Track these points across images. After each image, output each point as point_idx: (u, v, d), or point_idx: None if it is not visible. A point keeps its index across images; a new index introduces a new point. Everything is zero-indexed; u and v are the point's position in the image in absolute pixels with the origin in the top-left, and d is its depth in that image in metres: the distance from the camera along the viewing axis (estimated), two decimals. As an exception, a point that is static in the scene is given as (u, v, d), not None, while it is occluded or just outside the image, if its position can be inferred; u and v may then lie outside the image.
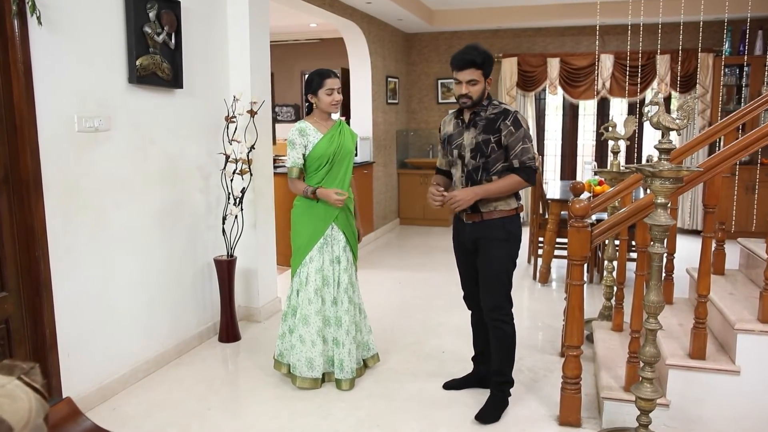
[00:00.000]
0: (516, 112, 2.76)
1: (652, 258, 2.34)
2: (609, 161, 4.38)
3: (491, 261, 2.85)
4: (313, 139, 3.19)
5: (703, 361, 2.65)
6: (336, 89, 3.21)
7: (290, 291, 3.32)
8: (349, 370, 3.25)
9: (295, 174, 3.21)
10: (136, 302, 3.37)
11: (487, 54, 2.76)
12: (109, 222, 3.14)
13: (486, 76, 2.77)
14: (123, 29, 3.16)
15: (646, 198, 2.65)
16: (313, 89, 3.21)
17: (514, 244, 2.86)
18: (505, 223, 2.82)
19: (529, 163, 2.75)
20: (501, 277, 2.84)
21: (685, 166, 2.36)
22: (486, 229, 2.84)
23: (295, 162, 3.20)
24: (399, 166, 8.24)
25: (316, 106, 3.24)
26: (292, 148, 3.20)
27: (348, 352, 3.24)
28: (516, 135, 2.73)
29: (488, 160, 2.77)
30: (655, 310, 2.36)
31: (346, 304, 3.26)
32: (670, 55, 7.25)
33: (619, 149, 4.01)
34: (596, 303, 4.41)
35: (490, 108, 2.80)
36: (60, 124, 2.82)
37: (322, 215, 3.21)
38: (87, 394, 3.00)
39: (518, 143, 2.73)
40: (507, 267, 2.86)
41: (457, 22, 7.80)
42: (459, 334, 4.03)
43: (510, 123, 2.73)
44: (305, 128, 3.21)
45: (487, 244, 2.84)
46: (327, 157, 3.19)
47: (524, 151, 2.74)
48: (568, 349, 2.74)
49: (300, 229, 3.25)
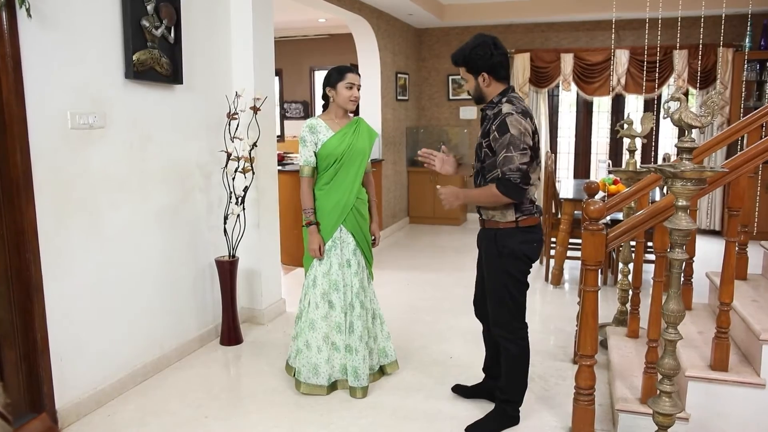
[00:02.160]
0: (507, 115, 2.47)
1: (672, 264, 2.19)
2: (625, 160, 4.22)
3: (488, 275, 2.70)
4: (323, 137, 3.08)
5: (725, 373, 2.49)
6: (356, 85, 3.10)
7: (303, 292, 3.22)
8: (364, 377, 3.12)
9: (306, 173, 3.10)
10: (134, 305, 3.27)
11: (471, 49, 2.56)
12: (104, 222, 3.03)
13: (474, 72, 2.59)
14: (119, 22, 3.05)
15: (665, 200, 2.50)
16: (333, 82, 3.09)
17: (512, 260, 2.59)
18: (498, 235, 2.61)
19: (510, 175, 2.45)
20: (499, 293, 2.65)
21: (709, 166, 2.21)
22: (483, 239, 2.72)
23: (307, 160, 3.09)
24: (409, 163, 8.10)
25: (333, 100, 3.12)
26: (304, 145, 3.09)
27: (362, 359, 3.11)
28: (500, 141, 2.46)
29: (483, 165, 2.61)
30: (674, 319, 2.21)
31: (358, 309, 3.14)
32: (687, 51, 7.05)
33: (635, 147, 3.85)
34: (610, 306, 4.26)
35: (495, 107, 2.58)
36: (52, 121, 2.72)
37: (331, 215, 3.10)
38: (80, 400, 2.90)
39: (501, 150, 2.46)
40: (506, 284, 2.63)
41: (469, 16, 7.64)
42: (467, 338, 3.90)
43: (495, 127, 2.49)
44: (315, 125, 3.09)
45: (484, 257, 2.72)
46: (335, 157, 3.07)
47: (506, 160, 2.45)
48: (581, 358, 2.60)
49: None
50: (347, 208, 3.11)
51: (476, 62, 2.57)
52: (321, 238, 3.09)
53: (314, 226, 3.09)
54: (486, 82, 2.59)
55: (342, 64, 3.18)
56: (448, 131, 8.36)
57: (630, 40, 7.44)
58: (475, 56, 2.56)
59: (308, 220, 3.10)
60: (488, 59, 2.56)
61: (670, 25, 6.46)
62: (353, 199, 3.12)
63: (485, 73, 2.58)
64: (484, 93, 2.63)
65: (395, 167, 7.62)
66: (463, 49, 2.60)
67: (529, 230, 2.61)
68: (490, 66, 2.57)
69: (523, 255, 2.60)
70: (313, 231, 3.09)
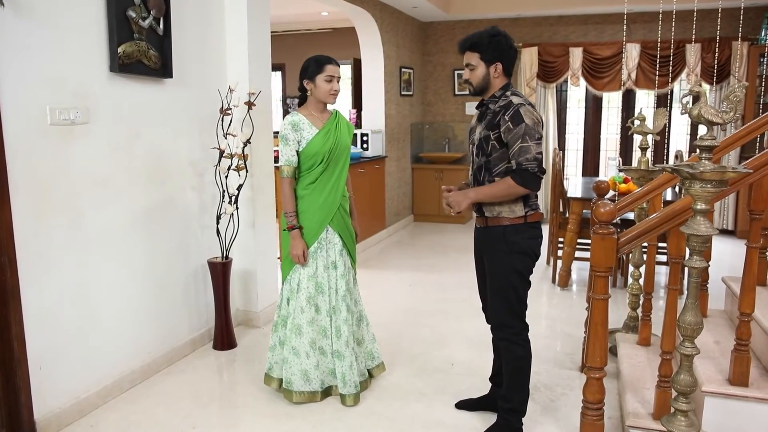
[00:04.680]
0: (520, 105, 2.43)
1: (690, 273, 2.02)
2: (636, 158, 4.03)
3: (493, 274, 2.57)
4: (307, 135, 2.90)
5: (745, 388, 2.32)
6: (336, 78, 2.92)
7: (280, 299, 3.05)
8: (353, 384, 2.97)
9: (287, 173, 2.92)
10: (120, 308, 3.12)
11: (491, 36, 2.47)
12: (87, 223, 2.89)
13: (488, 61, 2.49)
14: (103, 13, 2.89)
15: (681, 202, 2.32)
16: (310, 74, 2.90)
17: (520, 257, 2.51)
18: (507, 232, 2.50)
19: (527, 165, 2.39)
20: (505, 293, 2.54)
21: (730, 166, 2.03)
22: (488, 238, 2.57)
23: (289, 160, 2.91)
24: (413, 160, 7.93)
25: (311, 94, 2.94)
26: (285, 144, 2.90)
27: (349, 365, 2.96)
28: (514, 132, 2.40)
29: (489, 159, 2.49)
30: (692, 332, 2.04)
31: (344, 313, 2.98)
32: (700, 44, 6.84)
33: (647, 145, 3.66)
34: (620, 310, 4.09)
35: (500, 100, 2.50)
36: (30, 117, 2.57)
37: (316, 216, 2.93)
38: (61, 410, 2.76)
39: (516, 141, 2.40)
40: (513, 282, 2.53)
41: (475, 9, 7.45)
42: (470, 344, 3.74)
43: (509, 118, 2.41)
44: (298, 122, 2.91)
45: (489, 255, 2.58)
46: (322, 156, 2.89)
47: (522, 150, 2.39)
48: (590, 370, 2.43)
49: None
50: (334, 207, 2.94)
51: (494, 51, 2.48)
52: (304, 243, 2.92)
53: (297, 231, 2.91)
54: (496, 73, 2.52)
55: (321, 54, 2.97)
56: (453, 127, 8.18)
57: (641, 33, 7.23)
58: (494, 44, 2.48)
59: (290, 224, 2.92)
60: (506, 51, 2.51)
61: (681, 18, 6.25)
62: (339, 197, 2.96)
63: (499, 64, 2.50)
64: (491, 84, 2.54)
65: (399, 164, 7.45)
66: (481, 35, 2.49)
67: (535, 225, 2.55)
68: (506, 58, 2.51)
69: (531, 251, 2.54)
70: (296, 236, 2.91)
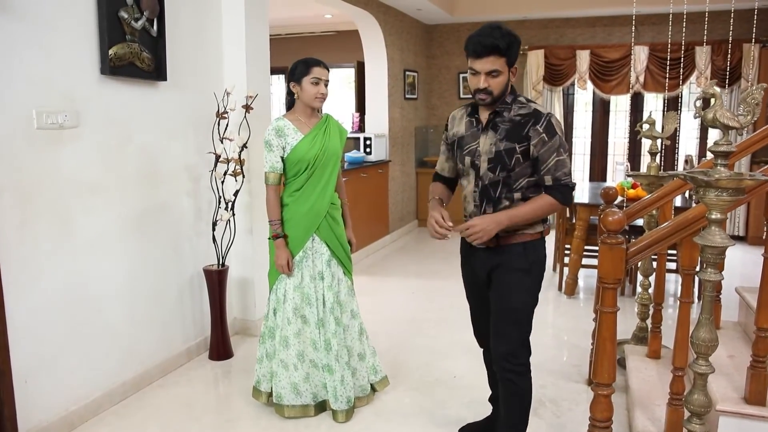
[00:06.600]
0: (550, 115, 2.19)
1: (704, 286, 1.90)
2: (645, 163, 3.91)
3: (508, 297, 2.29)
4: (291, 140, 2.79)
5: (762, 408, 2.19)
6: (323, 81, 2.80)
7: (267, 309, 2.95)
8: (344, 400, 2.85)
9: (272, 180, 2.81)
10: (111, 318, 3.03)
11: (513, 36, 2.13)
12: (76, 230, 2.79)
13: (511, 65, 2.17)
14: (94, 13, 2.81)
15: (693, 211, 2.21)
16: (297, 77, 2.79)
17: (537, 276, 2.31)
18: (528, 250, 2.27)
19: (565, 180, 2.20)
20: (518, 317, 2.29)
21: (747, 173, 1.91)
22: (503, 257, 2.28)
23: (273, 167, 2.80)
24: (417, 164, 7.82)
25: (297, 98, 2.83)
26: (269, 150, 2.79)
27: (341, 379, 2.84)
28: (549, 145, 2.16)
29: (510, 174, 2.21)
30: (706, 350, 1.93)
31: (333, 325, 2.85)
32: (711, 47, 6.71)
33: (657, 149, 3.54)
34: (628, 321, 3.96)
35: (515, 107, 2.21)
36: (14, 120, 2.48)
37: (302, 225, 2.82)
38: (48, 424, 2.67)
39: (552, 155, 2.17)
40: (526, 305, 2.29)
41: (480, 12, 7.34)
42: (473, 355, 3.60)
43: (542, 129, 2.15)
44: (283, 127, 2.80)
45: (504, 275, 2.28)
46: (306, 162, 2.78)
47: (559, 164, 2.18)
48: (597, 387, 2.30)
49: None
50: (320, 216, 2.83)
51: (516, 53, 2.17)
52: (289, 252, 2.81)
53: (281, 240, 2.81)
54: (514, 77, 2.22)
55: (309, 57, 2.85)
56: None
57: (649, 36, 7.10)
58: (516, 45, 2.16)
59: (275, 233, 2.81)
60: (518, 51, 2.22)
61: (691, 20, 6.12)
62: (326, 205, 2.84)
63: (515, 66, 2.21)
64: (506, 90, 2.23)
65: (403, 168, 7.34)
66: (502, 35, 2.10)
67: (544, 240, 2.36)
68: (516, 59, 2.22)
69: (544, 267, 2.36)
70: (281, 245, 2.80)
